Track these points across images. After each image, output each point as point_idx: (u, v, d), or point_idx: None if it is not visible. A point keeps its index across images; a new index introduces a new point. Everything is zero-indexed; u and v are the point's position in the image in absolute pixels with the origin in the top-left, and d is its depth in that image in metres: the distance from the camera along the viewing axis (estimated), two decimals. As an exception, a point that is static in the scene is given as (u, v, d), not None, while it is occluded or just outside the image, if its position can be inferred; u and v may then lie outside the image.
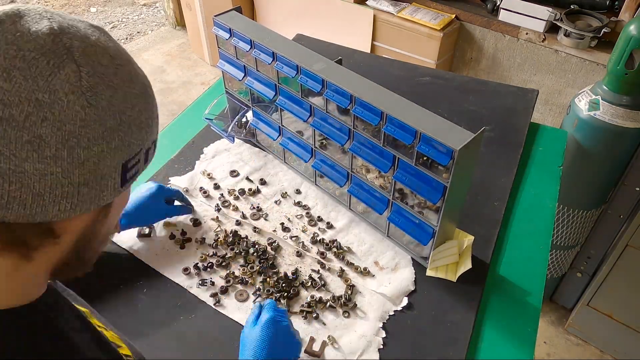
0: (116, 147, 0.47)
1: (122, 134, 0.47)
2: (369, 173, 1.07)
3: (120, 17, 4.20)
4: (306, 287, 1.00)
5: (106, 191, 0.48)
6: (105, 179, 0.47)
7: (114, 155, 0.47)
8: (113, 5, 4.37)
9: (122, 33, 3.99)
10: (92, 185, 0.46)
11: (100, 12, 4.28)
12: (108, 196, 0.49)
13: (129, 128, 0.48)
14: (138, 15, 4.23)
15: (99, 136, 0.45)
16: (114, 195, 0.50)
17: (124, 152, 0.48)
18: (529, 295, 1.00)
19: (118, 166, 0.48)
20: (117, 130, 0.47)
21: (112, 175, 0.48)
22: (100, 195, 0.48)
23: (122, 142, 0.48)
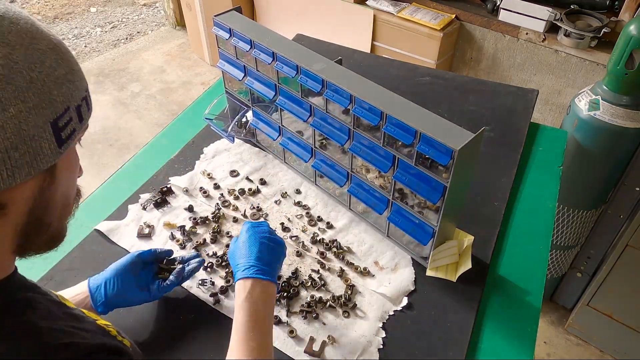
0: (35, 105, 0.47)
1: (37, 90, 0.47)
2: (369, 173, 1.07)
3: (120, 17, 4.20)
4: (306, 287, 1.00)
5: (42, 154, 0.48)
6: (35, 141, 0.47)
7: (37, 114, 0.47)
8: (113, 5, 4.37)
9: (122, 33, 3.99)
10: (23, 149, 0.46)
11: (100, 12, 4.28)
12: (47, 158, 0.49)
13: (44, 85, 0.48)
14: (138, 15, 4.23)
15: (10, 97, 0.45)
16: (53, 157, 0.50)
17: (47, 110, 0.48)
18: (529, 295, 1.00)
19: (46, 125, 0.48)
20: (29, 88, 0.47)
21: (43, 135, 0.48)
22: (38, 159, 0.48)
23: (41, 99, 0.48)
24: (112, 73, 3.52)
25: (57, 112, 0.49)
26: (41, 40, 0.50)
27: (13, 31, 0.47)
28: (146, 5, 4.35)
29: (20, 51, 0.47)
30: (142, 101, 3.29)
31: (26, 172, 0.47)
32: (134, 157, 1.32)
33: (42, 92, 0.48)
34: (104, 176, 1.26)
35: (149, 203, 1.15)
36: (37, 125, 0.47)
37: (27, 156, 0.47)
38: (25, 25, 0.49)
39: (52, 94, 0.49)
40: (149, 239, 1.09)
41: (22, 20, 0.49)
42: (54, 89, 0.49)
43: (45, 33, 0.51)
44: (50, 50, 0.50)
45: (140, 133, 3.02)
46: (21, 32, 0.48)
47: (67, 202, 0.58)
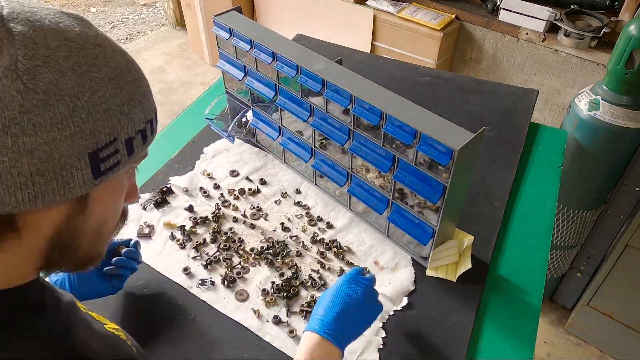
0: (73, 134, 0.44)
1: (79, 120, 0.44)
2: (369, 173, 1.07)
3: (120, 17, 4.20)
4: (306, 286, 1.00)
5: (72, 183, 0.46)
6: (66, 170, 0.45)
7: (72, 143, 0.44)
8: (113, 5, 4.37)
9: (122, 33, 3.99)
10: (50, 176, 0.44)
11: (100, 12, 4.28)
12: (77, 188, 0.46)
13: (89, 115, 0.45)
14: (138, 15, 4.23)
15: (46, 122, 0.42)
16: (85, 187, 0.47)
17: (87, 141, 0.45)
18: (529, 295, 1.00)
19: (82, 155, 0.45)
20: (71, 116, 0.44)
21: (77, 165, 0.45)
22: (66, 187, 0.45)
23: (81, 129, 0.45)
24: (112, 73, 3.52)
25: (99, 143, 0.46)
26: (102, 68, 0.47)
27: (72, 56, 0.45)
28: (146, 5, 4.35)
29: (70, 78, 0.44)
30: (142, 101, 3.28)
31: (50, 199, 0.45)
32: (134, 157, 1.32)
33: (85, 122, 0.45)
34: (104, 176, 1.26)
35: (149, 203, 1.15)
36: (71, 155, 0.44)
37: (53, 183, 0.44)
38: (91, 52, 0.46)
39: (97, 125, 0.46)
40: (149, 238, 1.09)
41: (90, 44, 0.47)
42: (99, 120, 0.46)
43: (114, 60, 0.48)
44: (110, 79, 0.47)
45: (140, 133, 3.01)
46: (81, 58, 0.45)
47: (103, 228, 0.56)
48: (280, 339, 0.91)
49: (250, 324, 0.93)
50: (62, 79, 0.43)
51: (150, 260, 1.03)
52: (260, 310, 0.95)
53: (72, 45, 0.45)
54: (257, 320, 0.93)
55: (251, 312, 0.95)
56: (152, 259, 1.04)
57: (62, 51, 0.44)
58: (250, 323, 0.93)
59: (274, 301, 0.96)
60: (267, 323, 0.93)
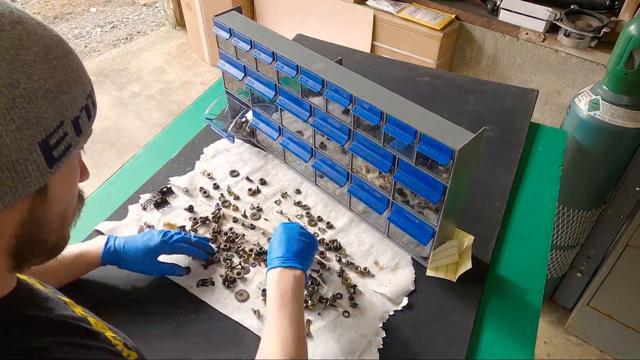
0: (19, 127, 0.41)
1: (22, 110, 0.42)
2: (369, 173, 1.07)
3: (120, 17, 4.20)
4: (306, 286, 1.00)
5: (29, 177, 0.43)
6: (20, 164, 0.42)
7: (20, 136, 0.42)
8: (113, 5, 4.37)
9: (122, 33, 3.99)
10: (5, 175, 0.41)
11: (100, 12, 4.28)
12: (34, 182, 0.44)
13: (30, 102, 0.42)
14: (138, 15, 4.23)
15: None
16: (42, 179, 0.45)
17: (34, 130, 0.43)
18: (529, 295, 1.00)
19: (33, 147, 0.43)
20: (12, 108, 0.41)
21: (29, 157, 0.43)
22: (23, 183, 0.43)
23: (26, 120, 0.42)
24: (112, 73, 3.52)
25: (47, 130, 0.44)
26: (31, 48, 0.44)
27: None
28: (146, 5, 4.35)
29: (2, 66, 0.41)
30: (142, 101, 3.29)
31: (9, 198, 0.42)
32: (134, 157, 1.32)
33: (28, 111, 0.42)
34: (104, 176, 1.26)
35: (149, 203, 1.15)
36: (21, 149, 0.42)
37: (9, 181, 0.42)
38: (13, 32, 0.43)
39: (41, 112, 0.43)
40: (149, 239, 1.08)
41: (9, 24, 0.43)
42: (42, 106, 0.43)
43: (39, 35, 0.45)
44: (41, 59, 0.44)
45: (140, 133, 3.02)
46: (6, 42, 0.42)
47: (66, 214, 0.54)
48: (280, 339, 0.91)
49: (250, 324, 0.93)
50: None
51: (150, 260, 1.03)
52: (260, 310, 0.95)
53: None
54: (257, 320, 0.93)
55: (251, 312, 0.95)
56: (152, 259, 1.03)
57: None
58: (250, 323, 0.93)
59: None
60: (267, 323, 0.93)
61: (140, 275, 0.99)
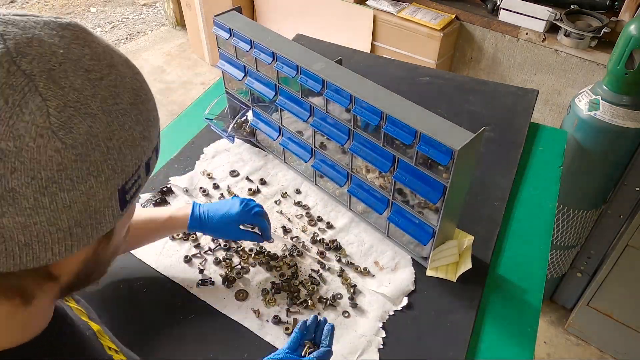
0: (107, 177, 0.41)
1: (113, 161, 0.41)
2: (369, 173, 1.07)
3: (120, 17, 4.20)
4: (306, 286, 1.00)
5: (104, 222, 0.43)
6: (100, 212, 0.41)
7: (107, 186, 0.41)
8: (113, 5, 4.37)
9: (122, 33, 3.99)
10: (86, 223, 0.41)
11: (100, 12, 4.28)
12: (107, 225, 0.43)
13: (120, 152, 0.41)
14: (138, 15, 4.23)
15: (84, 174, 0.39)
16: (113, 222, 0.44)
17: (118, 179, 0.42)
18: (529, 295, 1.00)
19: (114, 194, 0.42)
20: (105, 160, 0.40)
21: (109, 204, 0.42)
22: (98, 228, 0.42)
23: (114, 170, 0.41)
24: (112, 73, 3.52)
25: (127, 177, 0.43)
26: (124, 95, 0.42)
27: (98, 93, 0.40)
28: (146, 5, 4.35)
29: (102, 120, 0.39)
30: (142, 101, 3.28)
31: (84, 242, 0.42)
32: (134, 157, 1.32)
33: (117, 162, 0.41)
34: (104, 176, 1.26)
35: (149, 203, 1.15)
36: (105, 198, 0.41)
37: (88, 229, 0.41)
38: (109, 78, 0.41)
39: (126, 160, 0.42)
40: (149, 239, 1.09)
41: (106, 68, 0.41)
42: (128, 154, 0.42)
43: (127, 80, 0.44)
44: (131, 106, 0.43)
45: (140, 133, 3.01)
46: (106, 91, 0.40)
47: (117, 250, 0.53)
48: (280, 339, 0.91)
49: (250, 324, 0.93)
50: (95, 124, 0.39)
51: (150, 260, 1.03)
52: (260, 310, 0.95)
53: (92, 78, 0.40)
54: (257, 320, 0.93)
55: (251, 312, 0.95)
56: (152, 259, 1.04)
57: (87, 90, 0.39)
58: (250, 323, 0.93)
59: (274, 301, 0.96)
60: (267, 323, 0.93)
61: (140, 275, 0.99)
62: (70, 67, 0.39)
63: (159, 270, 1.02)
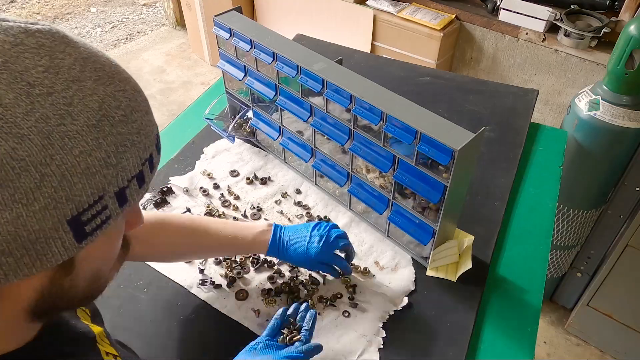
0: (44, 207, 0.36)
1: (51, 190, 0.36)
2: (369, 173, 1.07)
3: (120, 17, 4.20)
4: (306, 286, 1.00)
5: (50, 253, 0.38)
6: (40, 242, 0.37)
7: (43, 216, 0.36)
8: (113, 5, 4.37)
9: (122, 33, 3.99)
10: (20, 253, 0.37)
11: (100, 12, 4.28)
12: (56, 257, 0.39)
13: (63, 180, 0.37)
14: (138, 15, 4.23)
15: (7, 200, 0.35)
16: (67, 254, 0.39)
17: (63, 210, 0.37)
18: (529, 295, 1.00)
19: (59, 225, 0.38)
20: (38, 188, 0.35)
21: (54, 235, 0.38)
22: (43, 259, 0.38)
23: (54, 199, 0.37)
24: (112, 73, 3.52)
25: (79, 207, 0.38)
26: (80, 115, 0.37)
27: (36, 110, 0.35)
28: (146, 5, 4.35)
29: (33, 142, 0.35)
30: (142, 101, 3.28)
31: (25, 272, 0.38)
32: (134, 157, 1.32)
33: (58, 190, 0.36)
34: (104, 176, 1.26)
35: (149, 203, 1.15)
36: (43, 229, 0.37)
37: (25, 259, 0.37)
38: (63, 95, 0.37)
39: (75, 190, 0.37)
40: (149, 239, 1.08)
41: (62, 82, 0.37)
42: (77, 183, 0.37)
43: (96, 96, 0.39)
44: (89, 128, 0.38)
45: (140, 133, 3.01)
46: (49, 110, 0.36)
47: (98, 275, 0.49)
48: (280, 339, 0.91)
49: (250, 324, 0.93)
50: (21, 146, 0.34)
51: (150, 260, 1.03)
52: (261, 310, 0.95)
53: (35, 93, 0.36)
54: (257, 320, 0.93)
55: (251, 312, 0.95)
56: (152, 259, 1.03)
57: (20, 106, 0.35)
58: (250, 323, 0.93)
59: (274, 301, 0.96)
60: (267, 323, 0.93)
61: (140, 274, 0.99)
62: (6, 78, 0.35)
63: (159, 270, 1.02)
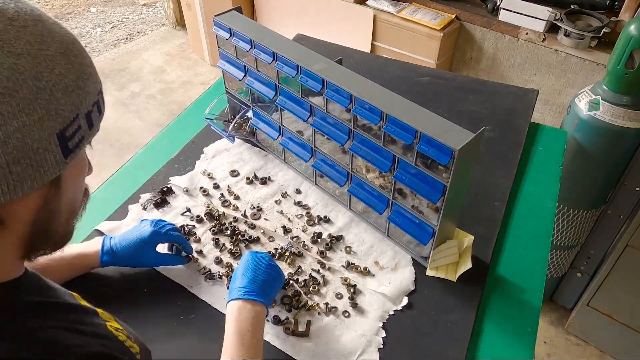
0: (41, 117, 0.44)
1: (44, 102, 0.44)
2: (369, 173, 1.07)
3: (120, 17, 4.20)
4: (307, 286, 1.00)
5: (46, 166, 0.46)
6: (40, 154, 0.45)
7: (42, 126, 0.44)
8: (113, 5, 4.37)
9: (122, 33, 3.99)
10: (26, 163, 0.44)
11: (100, 12, 4.28)
12: (51, 171, 0.46)
13: (52, 94, 0.45)
14: (138, 15, 4.23)
15: (14, 109, 0.42)
16: (58, 168, 0.47)
17: (54, 122, 0.45)
18: (529, 295, 1.00)
19: (52, 137, 0.45)
20: (35, 99, 0.44)
21: (48, 147, 0.45)
22: (41, 172, 0.45)
23: (47, 111, 0.45)
24: (112, 73, 3.52)
25: (64, 122, 0.47)
26: (51, 44, 0.46)
27: (21, 37, 0.44)
28: (146, 5, 4.35)
29: (27, 59, 0.44)
30: (142, 101, 3.29)
31: (29, 185, 0.45)
32: (134, 157, 1.32)
33: (49, 103, 0.45)
34: (104, 176, 1.26)
35: (149, 203, 1.15)
36: (41, 138, 0.44)
37: (29, 169, 0.44)
38: (35, 28, 0.46)
39: (60, 103, 0.46)
40: (149, 238, 1.08)
41: (31, 21, 0.46)
42: (62, 98, 0.46)
43: (57, 33, 0.48)
44: (61, 54, 0.47)
45: (140, 133, 3.02)
46: (30, 36, 0.45)
47: (74, 206, 0.57)
48: (280, 339, 0.91)
49: (250, 323, 0.93)
50: (19, 61, 0.43)
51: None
52: (261, 310, 0.95)
53: (16, 24, 0.44)
54: (257, 320, 0.93)
55: (251, 312, 0.95)
56: (152, 259, 1.03)
57: (10, 32, 0.43)
58: (250, 323, 0.93)
59: (274, 301, 0.96)
60: (267, 323, 0.93)
61: (139, 274, 0.99)
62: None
63: (159, 270, 1.02)
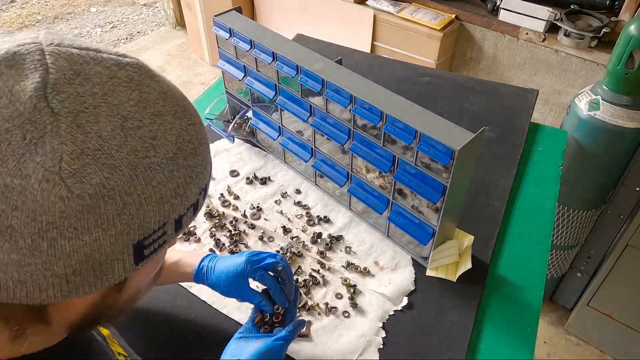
0: (119, 232, 0.38)
1: (128, 217, 0.38)
2: (369, 173, 1.07)
3: (120, 17, 4.20)
4: (307, 286, 1.00)
5: (111, 274, 0.40)
6: (106, 265, 0.39)
7: (117, 240, 0.38)
8: (113, 5, 4.38)
9: (122, 33, 3.99)
10: (87, 273, 0.39)
11: (100, 12, 4.28)
12: (115, 277, 0.41)
13: (140, 208, 0.38)
14: (138, 15, 4.23)
15: (90, 225, 0.36)
16: (125, 274, 0.41)
17: (133, 234, 0.39)
18: (529, 295, 1.00)
19: (127, 248, 0.40)
20: (119, 215, 0.37)
21: (119, 258, 0.40)
22: (104, 279, 0.40)
23: (129, 225, 0.38)
24: (112, 73, 3.52)
25: (146, 233, 0.40)
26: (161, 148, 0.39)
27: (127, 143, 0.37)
28: (146, 5, 4.35)
29: (123, 172, 0.37)
30: (142, 101, 3.29)
31: (86, 290, 0.39)
32: (134, 157, 1.32)
33: (134, 217, 0.38)
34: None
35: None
36: (114, 251, 0.39)
37: (90, 278, 0.39)
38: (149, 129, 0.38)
39: (147, 217, 0.39)
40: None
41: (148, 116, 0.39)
42: (151, 211, 0.39)
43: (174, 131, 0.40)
44: (167, 161, 0.40)
45: (140, 133, 3.01)
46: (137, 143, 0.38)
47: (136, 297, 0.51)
48: (280, 339, 0.91)
49: (250, 324, 0.93)
50: (113, 176, 0.37)
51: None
52: (260, 310, 0.95)
53: (128, 126, 0.37)
54: (257, 320, 0.93)
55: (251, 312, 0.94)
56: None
57: (115, 139, 0.37)
58: (250, 323, 0.93)
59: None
60: (267, 323, 0.93)
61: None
62: (105, 111, 0.37)
63: (159, 270, 1.01)
